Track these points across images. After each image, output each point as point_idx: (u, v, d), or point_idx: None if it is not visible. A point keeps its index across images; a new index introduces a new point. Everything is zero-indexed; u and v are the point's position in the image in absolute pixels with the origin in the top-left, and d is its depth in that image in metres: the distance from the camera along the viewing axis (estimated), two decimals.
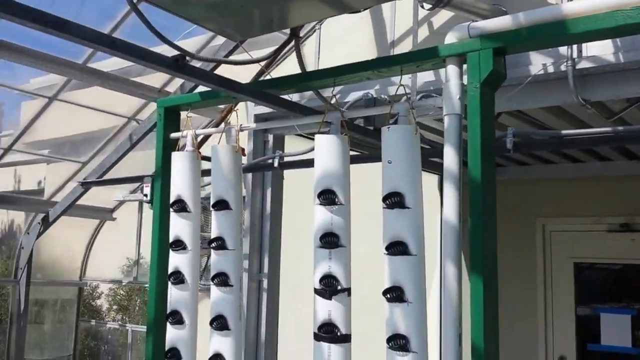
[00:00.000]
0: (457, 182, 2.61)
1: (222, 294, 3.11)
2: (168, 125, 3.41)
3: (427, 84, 3.89)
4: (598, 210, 6.04)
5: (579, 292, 5.98)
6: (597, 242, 5.96)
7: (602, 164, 6.08)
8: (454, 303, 2.57)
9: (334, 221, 2.78)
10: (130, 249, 6.57)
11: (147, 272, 6.64)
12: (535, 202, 6.25)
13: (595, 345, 5.78)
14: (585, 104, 3.72)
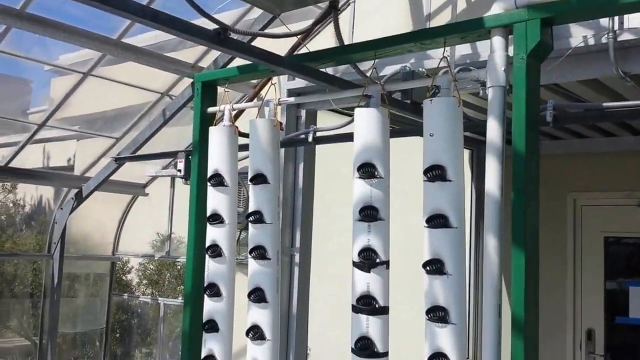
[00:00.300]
0: (500, 155, 2.58)
1: (259, 267, 3.12)
2: (205, 99, 3.40)
3: (463, 57, 3.83)
4: (630, 185, 5.95)
5: (609, 266, 5.93)
6: (628, 216, 5.88)
7: (636, 139, 5.98)
8: (495, 275, 2.56)
9: (373, 194, 2.77)
10: (162, 224, 6.62)
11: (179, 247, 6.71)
12: (566, 177, 6.18)
13: (624, 318, 5.74)
14: (624, 76, 3.65)
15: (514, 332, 2.37)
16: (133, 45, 4.42)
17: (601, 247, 5.99)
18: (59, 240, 6.33)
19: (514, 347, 2.37)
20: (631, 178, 5.97)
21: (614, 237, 6.09)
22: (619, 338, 5.85)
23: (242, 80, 3.35)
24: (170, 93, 5.35)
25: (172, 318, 6.55)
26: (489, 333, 2.49)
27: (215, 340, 3.21)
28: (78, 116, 6.32)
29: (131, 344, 6.97)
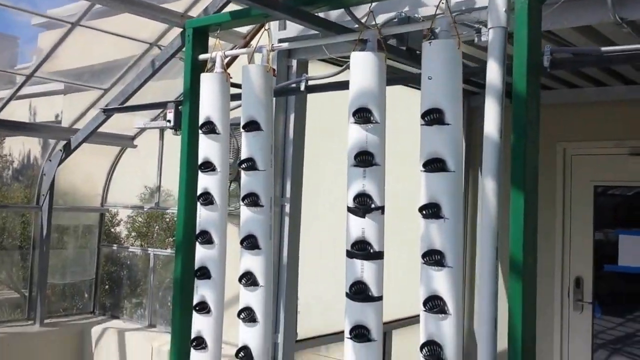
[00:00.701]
0: (499, 97, 2.54)
1: (252, 214, 3.09)
2: (196, 46, 3.31)
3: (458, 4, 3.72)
4: (620, 134, 5.93)
5: (598, 215, 5.94)
6: (618, 165, 5.87)
7: (627, 88, 5.92)
8: (492, 217, 2.54)
9: (368, 140, 2.72)
10: (151, 176, 6.55)
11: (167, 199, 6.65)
12: (556, 126, 6.13)
13: (613, 266, 5.78)
14: (621, 22, 3.58)
15: (511, 274, 2.36)
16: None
17: (591, 197, 6.00)
18: (47, 192, 6.25)
19: (511, 289, 2.36)
20: (622, 127, 5.94)
21: (604, 186, 6.10)
22: (607, 286, 5.91)
23: (235, 26, 3.25)
24: (159, 43, 5.21)
25: (161, 269, 6.54)
26: (487, 275, 2.48)
27: (207, 287, 3.19)
28: (66, 70, 6.19)
29: (120, 294, 6.96)
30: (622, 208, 6.13)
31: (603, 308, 5.86)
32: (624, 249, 5.75)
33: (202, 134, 3.21)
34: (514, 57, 2.46)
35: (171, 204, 6.42)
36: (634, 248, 5.68)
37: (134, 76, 5.23)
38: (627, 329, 5.89)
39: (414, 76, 4.58)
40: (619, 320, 5.91)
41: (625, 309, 5.91)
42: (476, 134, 5.88)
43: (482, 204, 2.56)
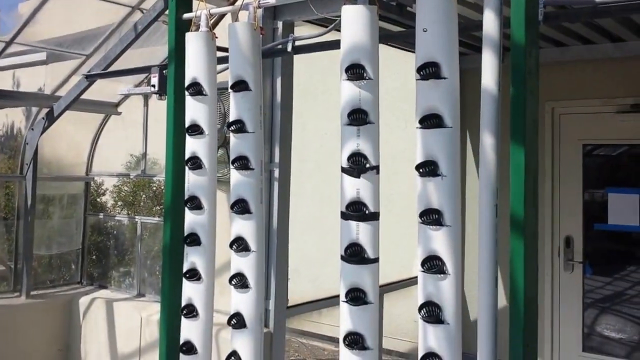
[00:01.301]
0: (497, 48, 2.46)
1: (242, 177, 2.98)
2: (180, 4, 3.18)
3: None
4: (608, 92, 5.85)
5: (587, 173, 5.88)
6: (607, 123, 5.80)
7: (614, 45, 5.83)
8: (491, 173, 2.47)
9: (362, 97, 2.61)
10: (136, 144, 6.38)
11: (153, 167, 6.50)
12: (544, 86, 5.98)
13: (602, 225, 5.74)
14: None
15: (513, 230, 2.29)
16: None
17: (580, 155, 5.94)
18: (31, 161, 6.07)
19: (512, 244, 2.28)
20: (609, 85, 5.86)
21: (592, 145, 6.03)
22: (597, 245, 5.88)
23: None
24: (141, 7, 5.01)
25: (149, 237, 6.42)
26: (486, 234, 2.41)
27: (197, 254, 3.09)
28: (47, 40, 5.99)
29: (108, 264, 6.84)
30: (610, 166, 6.09)
31: (593, 268, 5.84)
32: (614, 207, 5.70)
33: (188, 95, 3.08)
34: (511, 5, 2.35)
35: (157, 172, 6.27)
36: (623, 206, 5.65)
37: (116, 41, 5.04)
38: (617, 288, 5.88)
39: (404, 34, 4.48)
40: (609, 280, 5.90)
41: (615, 267, 5.89)
42: (466, 96, 5.77)
43: (481, 160, 2.48)
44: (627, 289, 5.84)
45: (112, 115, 6.53)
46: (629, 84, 5.78)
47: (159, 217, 6.05)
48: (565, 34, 5.56)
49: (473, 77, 2.53)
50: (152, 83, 4.63)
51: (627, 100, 5.77)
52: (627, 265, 5.82)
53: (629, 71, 5.79)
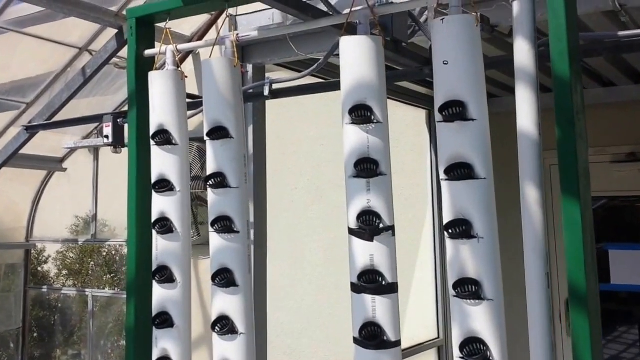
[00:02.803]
0: (534, 82, 2.15)
1: (225, 242, 2.56)
2: (141, 40, 2.81)
3: None
4: (601, 140, 5.67)
5: None
6: (602, 174, 5.58)
7: (605, 90, 5.68)
8: (539, 236, 2.13)
9: (371, 143, 2.28)
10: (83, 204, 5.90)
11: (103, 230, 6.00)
12: None
13: (605, 285, 5.45)
14: (621, 9, 3.30)
15: (573, 303, 1.93)
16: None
17: None
18: None
19: (574, 322, 1.92)
20: (603, 133, 5.69)
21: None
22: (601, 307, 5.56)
23: (187, 14, 2.77)
24: (90, 48, 4.62)
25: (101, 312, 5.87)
26: (538, 309, 2.04)
27: (170, 338, 2.63)
28: None
29: (53, 344, 6.24)
30: (609, 220, 5.84)
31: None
32: (616, 265, 5.43)
33: (154, 145, 2.68)
34: (550, 34, 2.05)
35: (110, 235, 5.78)
36: (626, 264, 5.38)
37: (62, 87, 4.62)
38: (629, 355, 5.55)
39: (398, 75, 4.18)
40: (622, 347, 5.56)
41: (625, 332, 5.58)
42: None
43: (525, 218, 2.14)
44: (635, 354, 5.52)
45: (56, 172, 6.04)
46: (623, 131, 5.63)
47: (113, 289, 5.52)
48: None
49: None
50: (105, 134, 4.22)
51: (623, 149, 5.60)
52: (632, 328, 5.52)
53: (622, 118, 5.64)
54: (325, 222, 6.03)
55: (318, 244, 5.99)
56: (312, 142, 6.02)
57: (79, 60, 4.71)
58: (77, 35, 4.51)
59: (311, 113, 5.92)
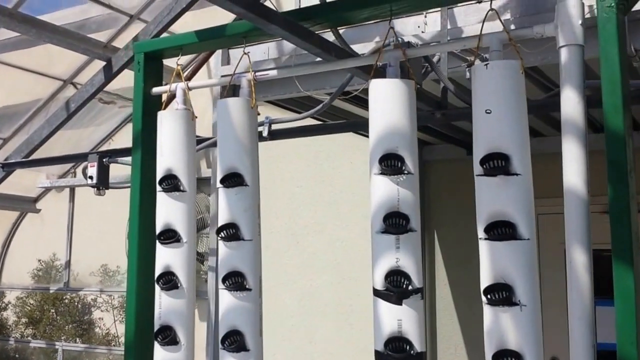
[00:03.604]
0: (582, 136, 2.06)
1: (236, 300, 2.40)
2: (149, 76, 2.67)
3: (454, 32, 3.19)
4: (592, 189, 5.59)
5: None
6: (593, 224, 5.49)
7: (597, 137, 5.63)
8: (587, 304, 1.98)
9: (401, 196, 2.15)
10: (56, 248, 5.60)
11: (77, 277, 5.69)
12: None
13: None
14: (635, 54, 3.25)
15: None
16: (33, 17, 3.52)
17: (562, 261, 5.56)
18: None
19: None
20: (593, 181, 5.61)
21: None
22: None
23: (201, 49, 2.67)
24: (74, 81, 4.42)
25: None
26: None
27: None
28: None
29: None
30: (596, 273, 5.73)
31: None
32: (604, 322, 5.30)
33: (161, 191, 2.50)
34: (603, 85, 1.95)
35: (85, 284, 5.48)
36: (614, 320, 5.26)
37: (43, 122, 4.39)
38: None
39: None
40: None
41: None
42: (429, 191, 5.34)
43: (571, 285, 2.00)
44: None
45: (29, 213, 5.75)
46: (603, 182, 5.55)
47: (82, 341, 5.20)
48: (543, 121, 5.34)
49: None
50: (89, 174, 3.99)
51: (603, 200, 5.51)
52: None
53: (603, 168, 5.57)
54: (301, 269, 5.82)
55: (293, 292, 5.77)
56: (289, 183, 5.85)
57: (63, 93, 4.51)
58: (63, 67, 4.32)
59: (290, 153, 5.77)
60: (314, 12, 2.34)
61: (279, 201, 5.79)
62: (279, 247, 5.82)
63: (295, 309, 5.76)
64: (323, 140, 5.31)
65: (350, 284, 5.58)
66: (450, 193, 5.26)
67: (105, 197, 4.24)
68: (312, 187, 5.69)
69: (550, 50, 2.65)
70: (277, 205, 5.82)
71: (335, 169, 5.63)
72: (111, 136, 4.99)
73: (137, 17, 3.95)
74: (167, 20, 3.11)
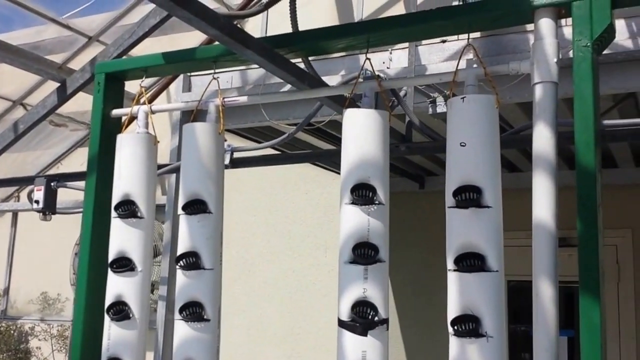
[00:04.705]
0: (553, 172, 2.04)
1: (193, 331, 2.26)
2: (109, 98, 2.55)
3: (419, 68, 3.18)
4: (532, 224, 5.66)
5: (514, 313, 5.54)
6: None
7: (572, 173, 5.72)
8: (552, 337, 1.97)
9: (371, 227, 2.10)
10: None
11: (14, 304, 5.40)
12: None
13: None
14: None
15: None
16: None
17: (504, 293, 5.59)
18: None
19: None
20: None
21: (517, 280, 5.75)
22: None
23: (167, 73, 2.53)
24: (25, 101, 4.23)
25: None
26: None
27: None
28: None
29: None
30: None
31: None
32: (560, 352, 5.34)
33: (117, 217, 2.36)
34: (575, 121, 1.95)
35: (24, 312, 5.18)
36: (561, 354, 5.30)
37: None
38: None
39: None
40: None
41: None
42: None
43: (537, 318, 1.97)
44: None
45: None
46: None
47: None
48: (525, 155, 5.40)
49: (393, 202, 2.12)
50: (35, 198, 3.80)
51: None
52: None
53: None
54: (252, 298, 5.71)
55: (242, 322, 5.64)
56: (244, 212, 5.75)
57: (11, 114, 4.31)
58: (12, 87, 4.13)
59: (246, 182, 5.68)
60: (290, 40, 2.28)
61: (233, 230, 5.68)
62: (231, 276, 5.69)
63: (244, 338, 5.63)
64: (279, 170, 5.26)
65: (300, 314, 5.49)
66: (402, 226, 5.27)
67: (49, 223, 4.04)
68: (267, 217, 5.61)
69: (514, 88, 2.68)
70: (231, 234, 5.70)
71: (290, 199, 5.58)
72: (60, 160, 4.80)
73: (96, 39, 3.82)
74: (128, 43, 3.00)
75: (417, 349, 5.38)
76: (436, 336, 1.97)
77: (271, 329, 5.59)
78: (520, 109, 3.61)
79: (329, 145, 4.39)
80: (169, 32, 4.04)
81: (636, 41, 2.93)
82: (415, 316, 5.38)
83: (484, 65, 2.07)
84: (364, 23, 2.31)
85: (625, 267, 5.27)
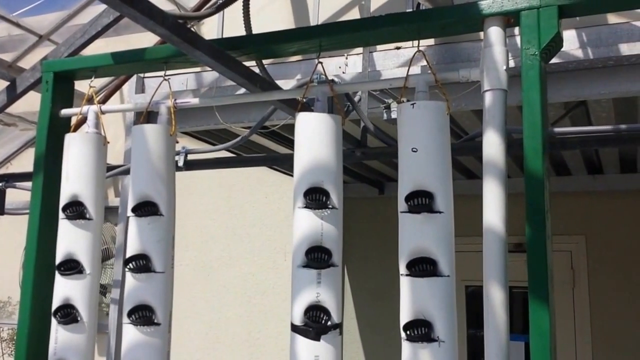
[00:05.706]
0: (502, 177, 2.05)
1: (142, 335, 2.22)
2: (58, 97, 2.47)
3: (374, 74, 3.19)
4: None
5: (475, 318, 5.60)
6: None
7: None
8: (502, 342, 1.96)
9: (324, 231, 2.08)
10: None
11: None
12: None
13: None
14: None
15: None
16: None
17: (463, 297, 5.67)
18: None
19: None
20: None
21: (476, 285, 5.82)
22: None
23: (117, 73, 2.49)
24: None
25: None
26: None
27: None
28: None
29: None
30: None
31: None
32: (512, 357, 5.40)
33: (64, 219, 2.30)
34: (524, 129, 1.96)
35: None
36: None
37: None
38: None
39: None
40: None
41: None
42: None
43: (487, 324, 1.97)
44: None
45: None
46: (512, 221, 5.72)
47: None
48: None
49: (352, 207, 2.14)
50: None
51: (511, 239, 5.61)
52: None
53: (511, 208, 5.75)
54: (210, 302, 5.66)
55: (200, 326, 5.58)
56: (202, 216, 5.70)
57: None
58: None
59: (203, 185, 5.63)
60: (242, 42, 2.24)
61: (191, 233, 5.62)
62: (188, 280, 5.64)
63: (201, 342, 5.57)
64: (237, 174, 5.23)
65: (259, 319, 5.46)
66: (361, 230, 5.28)
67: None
68: (225, 220, 5.56)
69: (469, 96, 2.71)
70: (188, 237, 5.64)
71: (248, 202, 5.55)
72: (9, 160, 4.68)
73: (46, 37, 3.73)
74: (79, 42, 2.92)
75: (377, 353, 5.40)
76: (395, 340, 1.96)
77: (230, 334, 5.54)
78: (476, 116, 3.64)
79: (286, 149, 4.37)
80: (123, 32, 3.98)
81: (586, 51, 2.99)
82: (375, 321, 5.40)
83: (434, 72, 2.07)
84: (315, 27, 2.29)
85: (580, 273, 5.37)
